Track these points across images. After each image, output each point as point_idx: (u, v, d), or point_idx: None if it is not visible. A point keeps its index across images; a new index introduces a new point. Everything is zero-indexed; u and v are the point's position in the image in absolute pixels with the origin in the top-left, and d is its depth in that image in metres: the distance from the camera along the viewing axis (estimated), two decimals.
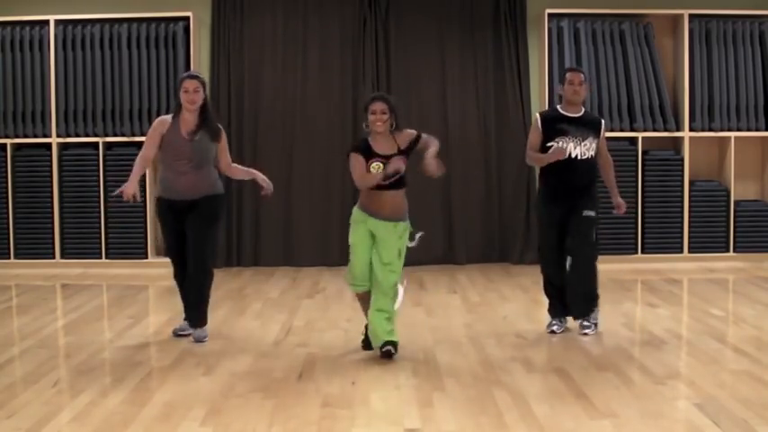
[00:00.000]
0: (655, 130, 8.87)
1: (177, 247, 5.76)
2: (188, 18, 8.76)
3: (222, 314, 6.47)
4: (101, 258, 8.81)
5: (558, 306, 5.90)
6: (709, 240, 8.91)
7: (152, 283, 7.91)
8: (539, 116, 5.88)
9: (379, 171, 5.14)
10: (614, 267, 8.33)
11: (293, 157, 8.96)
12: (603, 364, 5.02)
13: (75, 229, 8.85)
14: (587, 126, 5.77)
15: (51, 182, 8.80)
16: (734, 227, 8.91)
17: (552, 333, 5.82)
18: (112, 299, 7.36)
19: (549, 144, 5.72)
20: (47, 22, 8.75)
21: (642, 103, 8.85)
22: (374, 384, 4.70)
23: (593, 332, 5.75)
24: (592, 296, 5.80)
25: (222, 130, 5.81)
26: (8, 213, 8.82)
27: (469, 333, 5.89)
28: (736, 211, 8.92)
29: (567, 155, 5.67)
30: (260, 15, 8.96)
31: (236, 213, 8.92)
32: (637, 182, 8.81)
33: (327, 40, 8.97)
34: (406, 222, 5.30)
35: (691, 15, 8.84)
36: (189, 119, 5.64)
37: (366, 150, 5.20)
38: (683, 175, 8.87)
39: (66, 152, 8.85)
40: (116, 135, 8.80)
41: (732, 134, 8.88)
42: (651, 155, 8.90)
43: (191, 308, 5.77)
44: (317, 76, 8.97)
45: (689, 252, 8.87)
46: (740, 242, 8.92)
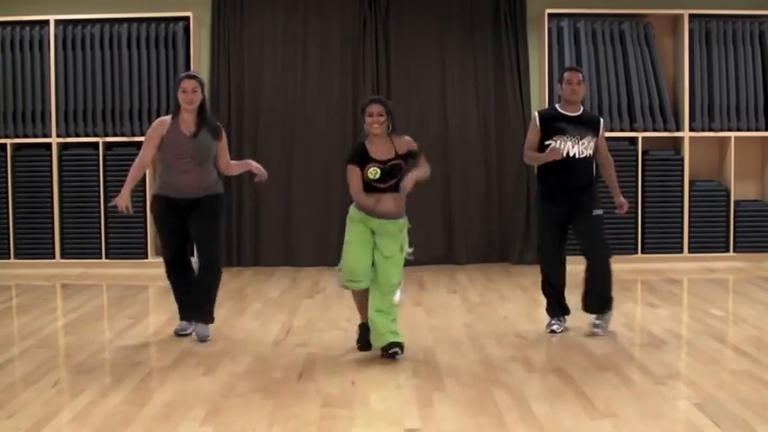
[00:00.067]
0: (655, 130, 8.87)
1: (176, 245, 5.76)
2: (188, 18, 8.77)
3: (222, 314, 6.47)
4: (101, 258, 8.82)
5: (557, 306, 5.91)
6: (709, 240, 8.91)
7: (152, 283, 7.91)
8: (537, 115, 5.88)
9: (376, 177, 5.16)
10: (614, 267, 8.21)
11: (293, 157, 8.96)
12: (603, 364, 5.02)
13: (75, 229, 8.85)
14: (586, 125, 5.77)
15: (51, 182, 8.80)
16: (734, 227, 8.91)
17: (552, 333, 5.82)
18: (112, 299, 7.36)
19: (548, 143, 5.72)
20: (47, 22, 8.75)
21: (642, 103, 8.85)
22: (374, 384, 4.70)
23: (602, 333, 5.73)
24: (607, 297, 5.78)
25: (222, 128, 5.83)
26: (8, 213, 8.83)
27: (469, 333, 5.89)
28: (736, 211, 8.92)
29: (565, 154, 5.67)
30: (260, 15, 8.96)
31: (236, 213, 8.92)
32: (637, 182, 8.81)
33: (327, 40, 8.97)
34: (404, 219, 5.34)
35: (691, 15, 8.84)
36: (188, 119, 5.64)
37: (363, 156, 5.22)
38: (683, 175, 8.87)
39: (66, 152, 8.85)
40: (116, 135, 8.80)
41: (732, 134, 8.88)
42: (651, 155, 8.90)
43: (197, 306, 5.75)
44: (317, 76, 8.97)
45: (689, 252, 8.87)
46: (740, 242, 8.92)
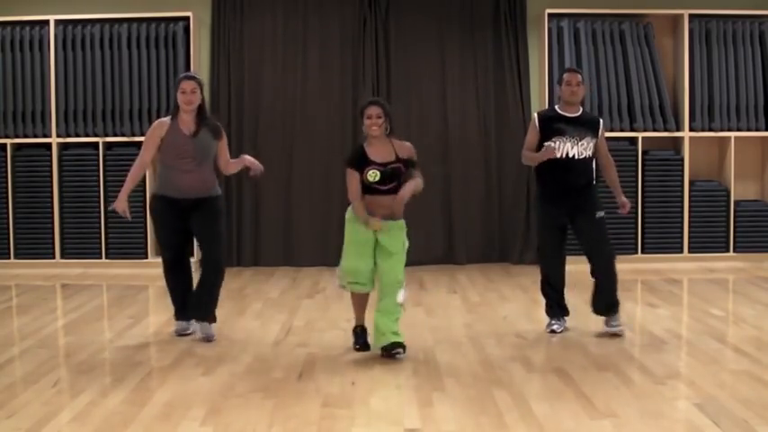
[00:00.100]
0: (655, 130, 8.87)
1: (176, 245, 5.76)
2: (188, 18, 8.76)
3: (222, 314, 6.45)
4: (101, 258, 8.81)
5: (556, 307, 5.91)
6: (709, 240, 8.91)
7: (152, 283, 7.91)
8: (536, 116, 5.88)
9: (376, 179, 5.18)
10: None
11: (293, 157, 8.96)
12: (603, 364, 5.02)
13: (75, 229, 8.85)
14: (585, 126, 5.77)
15: (51, 182, 8.80)
16: (734, 227, 8.91)
17: (552, 333, 5.82)
18: (112, 299, 7.36)
19: (547, 144, 5.72)
20: (47, 22, 8.75)
21: (642, 103, 8.85)
22: (374, 384, 4.70)
23: (622, 331, 5.71)
24: (615, 298, 5.77)
25: (222, 128, 5.84)
26: (8, 213, 8.83)
27: (469, 333, 5.89)
28: (736, 211, 8.92)
29: (564, 155, 5.67)
30: (260, 15, 8.96)
31: (236, 213, 8.92)
32: (637, 182, 8.80)
33: (327, 40, 8.97)
34: (402, 221, 5.37)
35: (691, 15, 8.84)
36: (187, 119, 5.65)
37: (362, 159, 5.24)
38: (683, 175, 8.87)
39: (66, 152, 8.85)
40: (116, 135, 8.80)
41: (732, 134, 8.88)
42: (651, 155, 8.90)
43: (200, 306, 5.74)
44: (317, 76, 8.97)
45: (689, 252, 8.87)
46: (740, 242, 8.92)
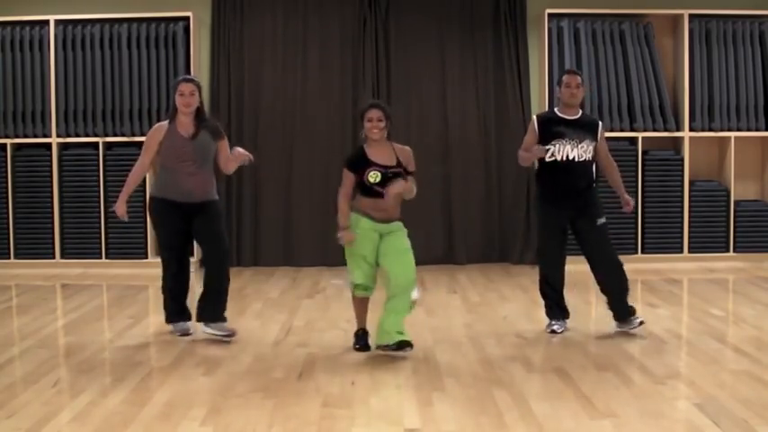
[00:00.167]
0: (655, 130, 8.87)
1: (179, 247, 5.77)
2: (188, 18, 8.76)
3: None
4: (101, 258, 8.82)
5: (557, 309, 5.90)
6: (709, 240, 8.91)
7: (152, 283, 7.90)
8: (535, 118, 5.87)
9: (377, 180, 5.18)
10: None
11: (293, 157, 8.96)
12: (603, 364, 5.02)
13: (75, 229, 8.85)
14: (584, 128, 5.77)
15: (51, 182, 8.80)
16: (734, 227, 8.91)
17: (553, 333, 5.82)
18: (112, 299, 7.36)
19: (547, 147, 5.72)
20: (47, 22, 8.75)
21: (642, 103, 8.85)
22: (374, 384, 4.70)
23: (639, 323, 5.75)
24: (626, 304, 5.78)
25: (223, 132, 5.84)
26: (8, 213, 8.83)
27: (469, 333, 5.89)
28: (736, 211, 8.92)
29: (564, 157, 5.68)
30: (260, 15, 8.96)
31: (236, 213, 8.93)
32: (637, 182, 8.80)
33: (327, 40, 8.97)
34: (400, 223, 5.38)
35: (691, 15, 8.84)
36: (185, 122, 5.65)
37: (362, 160, 5.24)
38: (683, 175, 8.87)
39: (67, 152, 8.85)
40: (116, 135, 8.81)
41: (732, 134, 8.88)
42: (651, 155, 8.90)
43: (213, 309, 5.73)
44: (317, 76, 8.97)
45: (689, 252, 8.87)
46: (740, 242, 8.92)
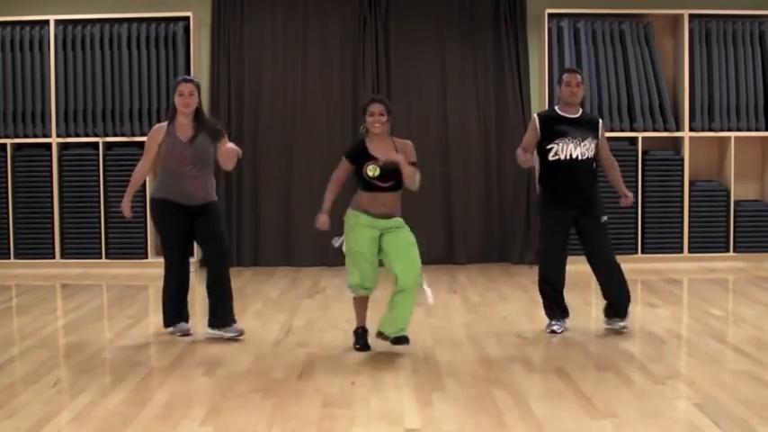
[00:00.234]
0: (655, 130, 8.87)
1: (181, 247, 5.77)
2: (188, 18, 8.76)
3: None
4: (101, 258, 8.82)
5: (556, 308, 5.89)
6: (709, 240, 8.91)
7: (152, 283, 7.90)
8: (536, 117, 5.86)
9: (376, 174, 5.20)
10: None
11: (293, 157, 8.96)
12: (603, 364, 5.02)
13: (75, 229, 8.85)
14: (585, 126, 5.78)
15: (51, 182, 8.81)
16: (734, 227, 8.91)
17: (553, 333, 5.81)
18: (112, 299, 7.36)
19: (550, 146, 5.72)
20: (47, 22, 8.75)
21: (642, 103, 8.85)
22: (374, 384, 4.69)
23: (623, 327, 5.83)
24: (628, 295, 5.84)
25: (224, 131, 5.82)
26: (8, 213, 8.83)
27: (469, 333, 5.89)
28: (736, 211, 8.92)
29: (567, 156, 5.68)
30: (260, 15, 8.96)
31: (236, 213, 8.92)
32: (637, 182, 8.80)
33: (327, 40, 8.97)
34: (400, 219, 5.38)
35: (691, 15, 8.84)
36: (184, 123, 5.65)
37: (362, 153, 5.27)
38: (683, 175, 8.87)
39: (67, 152, 8.85)
40: (116, 135, 8.81)
41: (732, 134, 8.88)
42: (651, 155, 8.90)
43: (223, 310, 5.75)
44: (317, 76, 8.97)
45: (689, 252, 8.87)
46: (740, 242, 8.92)
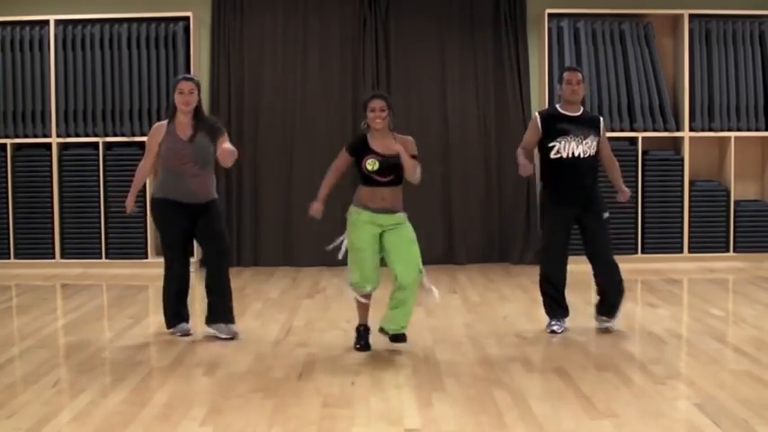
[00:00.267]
0: (655, 130, 8.87)
1: (182, 246, 5.77)
2: (188, 18, 8.76)
3: None
4: (101, 258, 8.81)
5: (557, 307, 5.88)
6: (709, 240, 8.91)
7: (152, 283, 7.90)
8: (538, 116, 5.85)
9: (375, 168, 5.22)
10: None
11: (293, 157, 8.96)
12: (603, 364, 5.02)
13: (75, 229, 8.85)
14: (587, 124, 5.78)
15: (51, 182, 8.80)
16: (734, 227, 8.91)
17: (553, 333, 5.81)
18: (112, 299, 7.36)
19: (551, 144, 5.72)
20: (47, 22, 8.75)
21: (642, 103, 8.85)
22: (374, 384, 4.69)
23: (611, 326, 5.85)
24: (622, 295, 5.86)
25: (223, 128, 5.79)
26: (8, 213, 8.83)
27: (469, 333, 5.89)
28: (736, 211, 8.92)
29: (570, 154, 5.68)
30: (260, 15, 8.96)
31: (236, 213, 8.92)
32: (637, 182, 8.80)
33: (327, 40, 8.97)
34: (404, 214, 5.39)
35: (691, 15, 8.84)
36: (184, 121, 5.65)
37: (362, 147, 5.30)
38: (683, 175, 8.87)
39: (67, 152, 8.85)
40: (116, 135, 8.80)
41: (732, 134, 8.88)
42: (651, 155, 8.90)
43: (220, 306, 5.77)
44: (317, 76, 8.97)
45: (689, 252, 8.87)
46: (740, 242, 8.92)
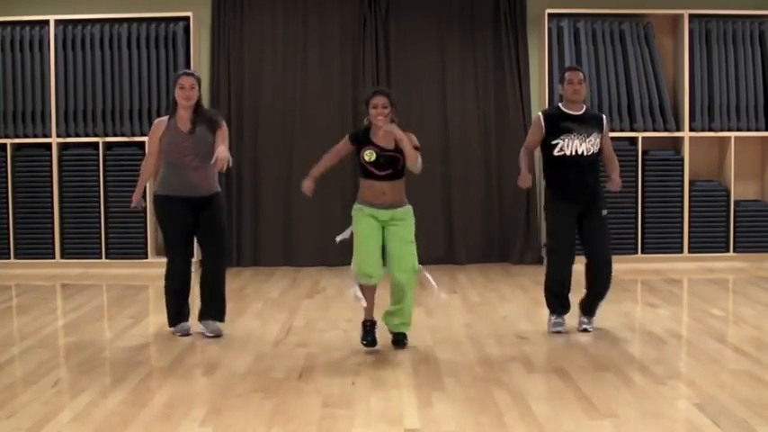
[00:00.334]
0: (655, 130, 8.87)
1: (184, 243, 5.76)
2: (188, 18, 8.76)
3: None
4: (101, 258, 8.81)
5: (561, 306, 5.86)
6: (709, 240, 8.91)
7: (152, 283, 7.90)
8: (541, 115, 5.84)
9: (372, 159, 5.27)
10: (614, 267, 8.20)
11: (293, 156, 8.95)
12: (603, 364, 5.02)
13: (75, 229, 8.85)
14: (590, 123, 5.77)
15: (51, 182, 8.80)
16: (734, 227, 8.91)
17: (558, 333, 5.77)
18: (112, 299, 7.36)
19: (555, 142, 5.71)
20: (47, 22, 8.75)
21: (642, 103, 8.85)
22: (374, 384, 4.69)
23: (592, 328, 5.84)
24: (604, 295, 5.86)
25: (223, 121, 5.73)
26: (8, 213, 8.82)
27: (469, 333, 5.89)
28: (736, 211, 8.92)
29: (573, 152, 5.68)
30: (260, 15, 8.96)
31: (236, 213, 8.92)
32: (637, 182, 8.80)
33: (327, 40, 8.97)
34: (408, 206, 5.42)
35: (691, 15, 8.84)
36: (185, 116, 5.66)
37: (364, 138, 5.38)
38: (683, 175, 8.87)
39: (67, 152, 8.85)
40: (116, 135, 8.80)
41: (732, 134, 8.88)
42: (651, 155, 8.90)
43: (212, 303, 5.81)
44: (317, 76, 8.97)
45: (689, 252, 8.87)
46: (740, 242, 8.92)
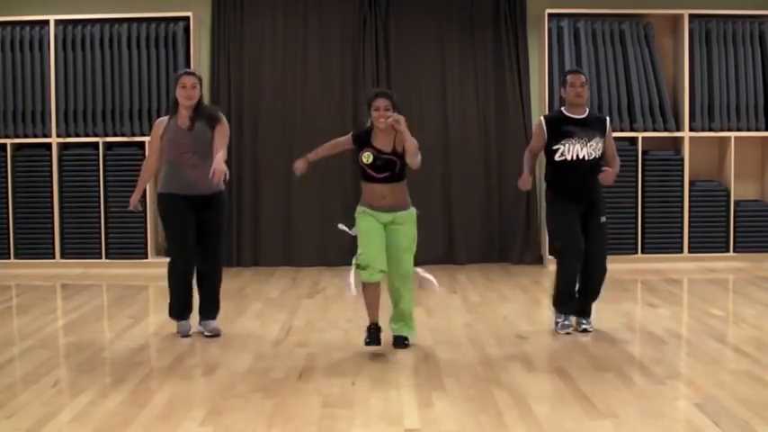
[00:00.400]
0: (655, 130, 8.87)
1: (190, 241, 5.73)
2: (188, 18, 8.76)
3: (222, 314, 6.44)
4: (101, 258, 8.81)
5: (572, 307, 5.83)
6: (709, 240, 8.91)
7: (152, 283, 7.91)
8: (543, 120, 5.83)
9: (369, 161, 5.28)
10: (614, 267, 8.21)
11: (293, 156, 8.81)
12: (603, 364, 5.02)
13: (75, 229, 8.85)
14: (593, 126, 5.75)
15: (51, 182, 8.80)
16: (734, 227, 8.91)
17: (567, 334, 5.74)
18: (112, 299, 7.36)
19: (556, 147, 5.71)
20: (47, 22, 8.75)
21: (642, 103, 8.84)
22: (374, 384, 4.69)
23: (592, 328, 5.84)
24: (596, 298, 5.88)
25: (223, 117, 5.70)
26: (8, 213, 8.83)
27: (469, 333, 5.89)
28: (736, 211, 8.92)
29: (574, 156, 5.68)
30: (260, 15, 8.96)
31: (236, 213, 8.92)
32: (637, 182, 8.80)
33: (327, 40, 8.97)
34: (411, 210, 5.43)
35: (691, 15, 8.84)
36: (185, 115, 5.66)
37: (365, 139, 5.35)
38: (683, 175, 8.87)
39: (67, 152, 8.85)
40: (116, 135, 8.80)
41: (732, 134, 8.88)
42: (651, 155, 8.90)
43: (208, 303, 5.86)
44: (317, 76, 8.97)
45: (689, 252, 8.86)
46: (740, 242, 8.92)
